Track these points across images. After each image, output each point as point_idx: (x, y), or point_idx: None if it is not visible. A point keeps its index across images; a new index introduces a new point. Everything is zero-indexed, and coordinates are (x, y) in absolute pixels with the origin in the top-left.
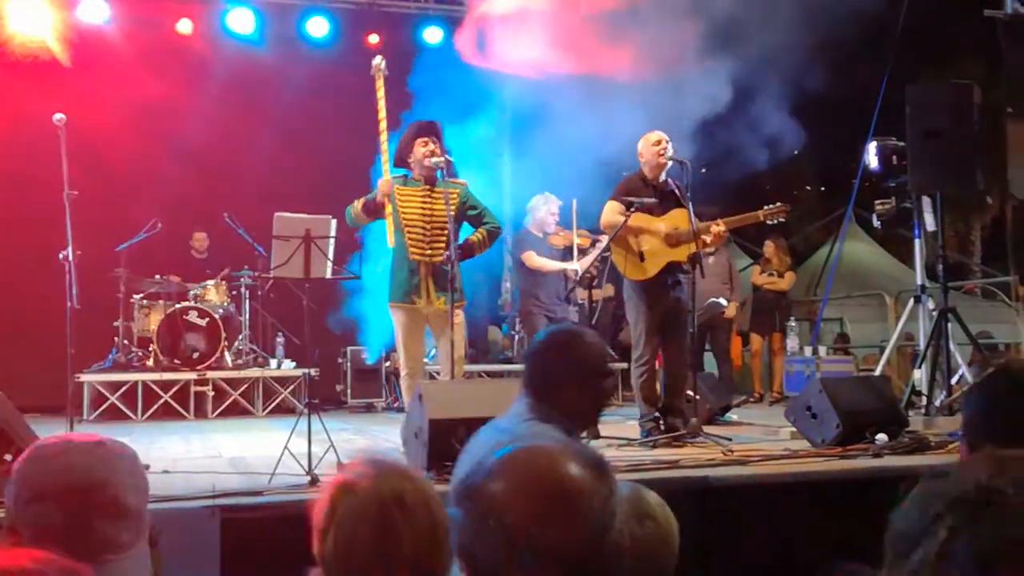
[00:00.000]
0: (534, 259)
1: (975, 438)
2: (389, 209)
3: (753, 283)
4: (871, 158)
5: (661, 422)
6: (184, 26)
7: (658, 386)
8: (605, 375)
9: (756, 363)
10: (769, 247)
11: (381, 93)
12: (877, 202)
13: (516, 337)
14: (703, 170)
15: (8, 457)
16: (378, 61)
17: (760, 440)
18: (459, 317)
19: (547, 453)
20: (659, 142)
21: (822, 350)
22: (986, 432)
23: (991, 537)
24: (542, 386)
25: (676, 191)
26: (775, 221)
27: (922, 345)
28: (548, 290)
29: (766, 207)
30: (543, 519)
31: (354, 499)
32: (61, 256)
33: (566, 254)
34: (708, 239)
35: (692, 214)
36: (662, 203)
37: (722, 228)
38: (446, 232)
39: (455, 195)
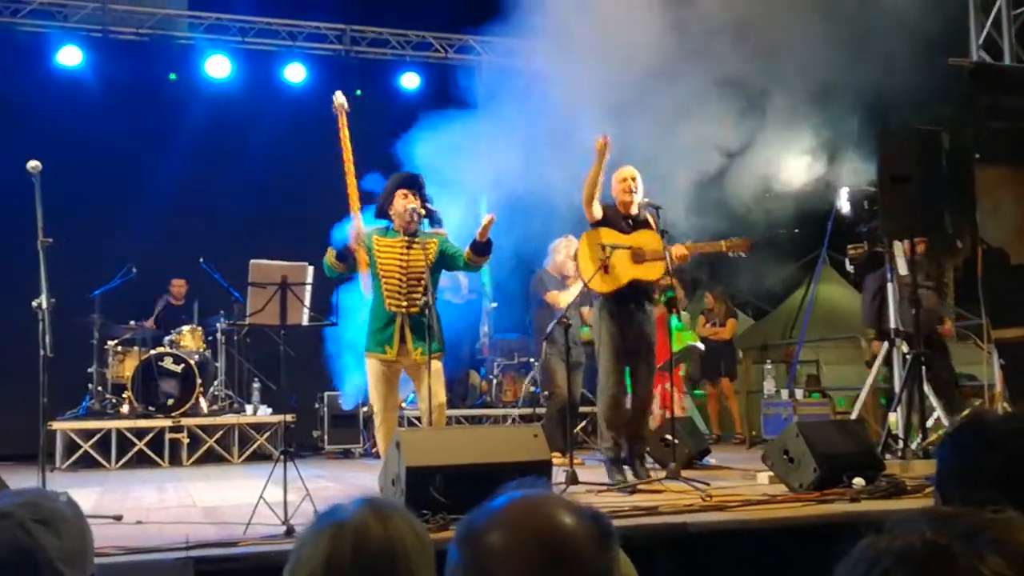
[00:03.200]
0: (560, 298)
1: (947, 490)
2: (364, 255)
3: (699, 334)
4: (843, 203)
5: (622, 451)
6: (156, 73)
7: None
8: None
9: (712, 409)
10: (709, 298)
11: (345, 132)
12: (849, 246)
13: (494, 381)
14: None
15: None
16: (338, 96)
17: (738, 484)
18: (436, 364)
19: (548, 509)
20: (625, 179)
21: (799, 393)
22: (956, 485)
23: None
24: None
25: (649, 220)
26: (736, 255)
27: (897, 388)
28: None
29: (728, 239)
30: None
31: (317, 529)
32: (34, 304)
33: (583, 300)
34: (672, 260)
35: (666, 248)
36: (633, 227)
37: (684, 251)
38: (423, 283)
39: (432, 244)
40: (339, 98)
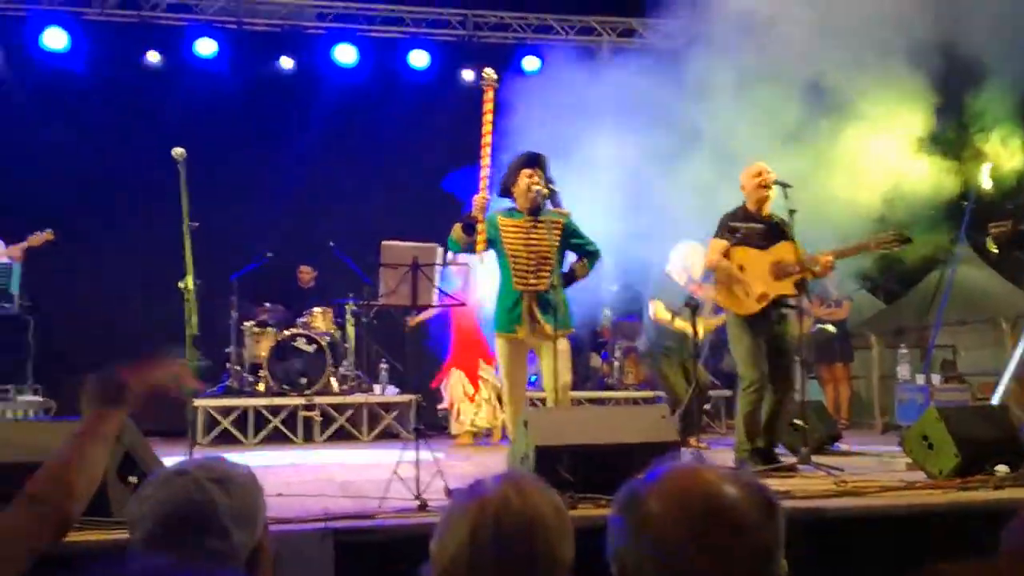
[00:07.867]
0: (660, 312)
1: None
2: (482, 226)
3: (815, 315)
4: (985, 179)
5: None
6: (287, 62)
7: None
8: None
9: (829, 395)
10: (831, 278)
11: (490, 106)
12: (992, 224)
13: (616, 364)
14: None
15: (133, 479)
16: (489, 72)
17: (873, 470)
18: (563, 344)
19: (711, 476)
20: (760, 173)
21: (935, 378)
22: None
23: None
24: None
25: (780, 224)
26: (886, 249)
27: None
28: (676, 337)
29: (877, 235)
30: (703, 548)
31: (461, 503)
32: (180, 285)
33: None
34: (817, 270)
35: (800, 245)
36: (768, 236)
37: (831, 260)
38: (550, 262)
39: (559, 224)
40: (489, 73)
